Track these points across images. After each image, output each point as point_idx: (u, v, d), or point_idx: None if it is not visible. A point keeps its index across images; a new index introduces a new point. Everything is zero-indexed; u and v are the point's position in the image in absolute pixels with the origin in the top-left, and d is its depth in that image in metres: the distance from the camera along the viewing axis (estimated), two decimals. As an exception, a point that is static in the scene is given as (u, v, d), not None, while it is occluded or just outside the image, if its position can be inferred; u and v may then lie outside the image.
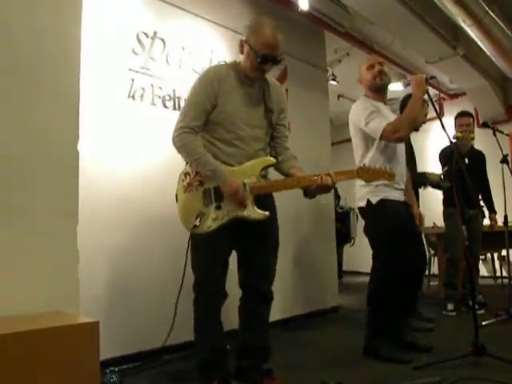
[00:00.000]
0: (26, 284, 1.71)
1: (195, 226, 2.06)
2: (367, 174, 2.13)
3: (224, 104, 2.10)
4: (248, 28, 2.13)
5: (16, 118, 1.77)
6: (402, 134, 2.59)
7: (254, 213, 2.07)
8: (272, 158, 2.18)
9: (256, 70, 2.13)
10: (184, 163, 2.20)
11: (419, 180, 3.77)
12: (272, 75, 3.93)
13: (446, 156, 4.13)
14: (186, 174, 2.16)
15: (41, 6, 1.88)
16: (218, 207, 2.08)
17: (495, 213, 4.29)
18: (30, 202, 1.78)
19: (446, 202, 4.19)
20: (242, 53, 2.15)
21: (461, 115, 4.18)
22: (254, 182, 2.10)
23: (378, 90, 2.83)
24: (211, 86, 2.09)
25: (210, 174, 2.06)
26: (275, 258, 2.24)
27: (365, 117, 2.65)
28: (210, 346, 2.11)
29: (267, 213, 2.09)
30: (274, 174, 2.29)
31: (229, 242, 2.14)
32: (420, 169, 4.06)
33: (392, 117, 2.78)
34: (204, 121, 2.12)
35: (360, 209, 2.81)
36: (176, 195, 2.19)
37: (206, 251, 2.10)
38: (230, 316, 2.22)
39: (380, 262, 2.75)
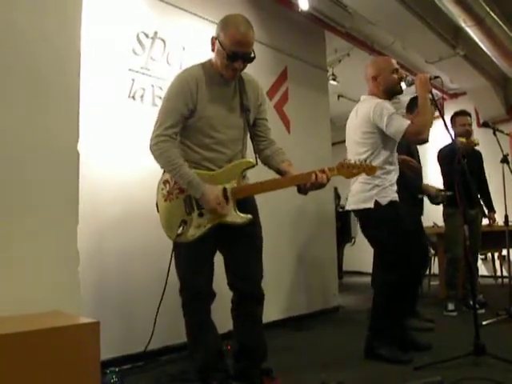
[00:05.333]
0: (26, 284, 1.72)
1: (178, 235, 2.04)
2: (347, 170, 2.08)
3: (203, 109, 2.05)
4: (218, 24, 2.06)
5: (16, 119, 1.77)
6: (423, 136, 2.60)
7: (237, 217, 2.05)
8: (251, 160, 2.13)
9: (226, 69, 2.04)
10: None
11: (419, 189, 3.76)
12: (272, 75, 3.98)
13: (445, 156, 4.12)
14: (165, 181, 2.12)
15: (41, 7, 1.88)
16: (201, 214, 2.05)
17: (494, 211, 4.29)
18: (30, 202, 1.78)
19: (446, 202, 4.18)
20: (213, 50, 2.07)
21: (461, 114, 4.15)
22: (235, 186, 2.06)
23: (392, 94, 2.82)
24: (188, 89, 2.02)
25: (186, 187, 2.02)
26: (260, 256, 2.19)
27: (387, 117, 2.62)
28: (206, 349, 2.11)
29: (250, 216, 2.06)
30: (265, 170, 2.25)
31: (212, 245, 2.13)
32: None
33: None
34: (182, 126, 2.07)
35: (363, 210, 2.73)
36: (156, 204, 2.16)
37: (190, 257, 2.08)
38: (227, 317, 2.22)
39: (386, 264, 2.73)
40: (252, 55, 2.02)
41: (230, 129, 2.11)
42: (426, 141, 2.65)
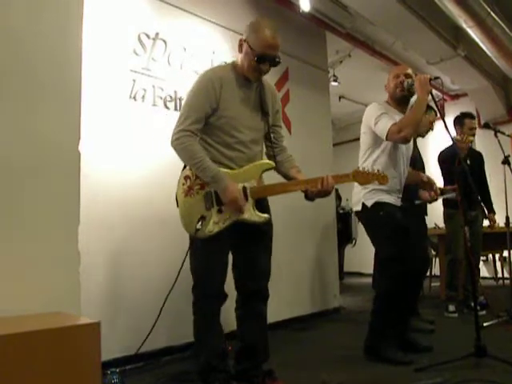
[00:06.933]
0: (26, 284, 1.71)
1: (197, 230, 2.06)
2: (362, 177, 2.14)
3: (225, 108, 2.10)
4: (248, 27, 2.12)
5: (18, 119, 1.77)
6: (404, 134, 2.57)
7: (255, 216, 2.09)
8: (271, 162, 2.20)
9: (253, 71, 2.11)
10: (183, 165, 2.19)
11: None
12: (273, 76, 3.98)
13: (445, 158, 4.12)
14: (186, 177, 2.14)
15: (42, 7, 1.88)
16: (220, 211, 2.08)
17: (494, 213, 4.28)
18: (31, 202, 1.78)
19: (447, 204, 4.18)
20: (240, 52, 2.14)
21: (470, 117, 4.14)
22: (255, 185, 2.11)
23: (399, 101, 2.81)
24: (212, 88, 2.07)
25: (209, 180, 2.05)
26: (270, 256, 2.24)
27: (375, 116, 2.66)
28: (210, 349, 2.11)
29: (268, 215, 2.13)
30: (272, 175, 2.29)
31: (228, 244, 2.15)
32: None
33: None
34: (204, 123, 2.11)
35: (356, 212, 2.84)
36: (176, 199, 2.18)
37: (207, 254, 2.10)
38: (229, 317, 2.22)
39: (381, 264, 2.76)
40: (277, 59, 2.10)
41: (251, 130, 2.16)
42: (407, 140, 2.64)
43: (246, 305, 2.20)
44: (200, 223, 2.06)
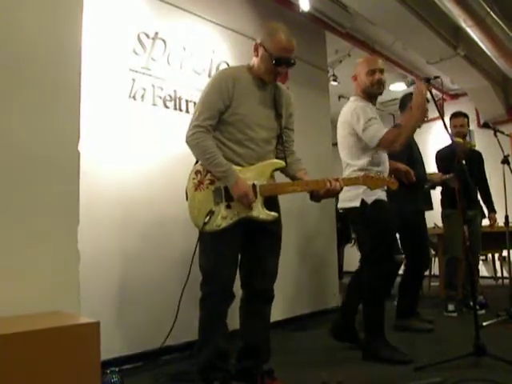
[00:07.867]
0: (26, 284, 1.71)
1: (205, 224, 2.07)
2: (372, 182, 2.19)
3: (238, 105, 2.13)
4: (264, 31, 2.19)
5: (17, 119, 1.77)
6: (397, 145, 2.63)
7: (263, 214, 2.11)
8: (282, 161, 2.22)
9: (270, 73, 2.17)
10: (190, 163, 2.20)
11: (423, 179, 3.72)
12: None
13: (443, 158, 4.12)
14: (196, 172, 2.16)
15: (42, 6, 1.88)
16: (228, 206, 2.09)
17: (495, 212, 4.27)
18: (31, 202, 1.78)
19: (444, 204, 4.18)
20: (256, 56, 2.19)
21: (455, 116, 4.15)
22: (265, 183, 2.12)
23: (371, 96, 2.83)
24: (225, 86, 2.12)
25: (220, 175, 2.08)
26: (278, 256, 2.26)
27: (364, 122, 2.64)
28: (213, 348, 2.11)
29: (276, 214, 2.15)
30: (280, 177, 2.30)
31: (238, 243, 2.15)
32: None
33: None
34: (217, 120, 2.15)
35: (351, 209, 2.75)
36: (186, 192, 2.19)
37: (216, 250, 2.11)
38: (232, 316, 2.22)
39: (371, 262, 2.73)
40: (293, 61, 2.20)
41: (263, 128, 2.19)
42: (397, 150, 2.69)
43: (249, 304, 2.21)
44: (208, 217, 2.07)
